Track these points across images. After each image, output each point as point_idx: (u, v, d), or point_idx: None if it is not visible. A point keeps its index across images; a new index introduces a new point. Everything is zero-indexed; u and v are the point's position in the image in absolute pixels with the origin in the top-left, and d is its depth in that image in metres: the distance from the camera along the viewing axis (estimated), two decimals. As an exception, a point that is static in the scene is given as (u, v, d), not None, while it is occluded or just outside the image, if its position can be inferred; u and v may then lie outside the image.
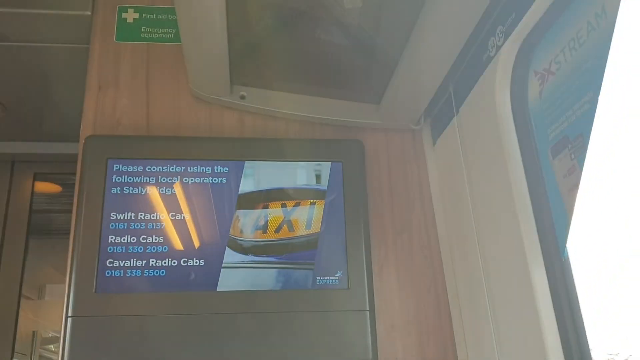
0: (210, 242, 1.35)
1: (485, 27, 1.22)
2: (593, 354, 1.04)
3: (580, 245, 1.04)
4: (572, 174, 1.02)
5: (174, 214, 1.35)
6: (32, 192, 2.38)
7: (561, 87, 1.06)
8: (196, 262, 1.33)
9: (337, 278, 1.36)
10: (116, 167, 1.37)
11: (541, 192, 1.13)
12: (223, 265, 1.34)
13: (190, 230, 1.35)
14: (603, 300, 1.08)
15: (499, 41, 1.17)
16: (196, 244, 1.34)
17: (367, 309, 1.34)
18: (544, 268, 1.10)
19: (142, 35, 1.60)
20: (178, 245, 1.33)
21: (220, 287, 1.32)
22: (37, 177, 2.41)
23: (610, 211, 1.07)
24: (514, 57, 1.16)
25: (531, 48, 1.14)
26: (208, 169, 1.40)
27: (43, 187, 2.58)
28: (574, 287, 1.08)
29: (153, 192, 1.37)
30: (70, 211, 1.39)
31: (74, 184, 1.42)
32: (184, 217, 1.36)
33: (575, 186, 1.01)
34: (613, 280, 1.07)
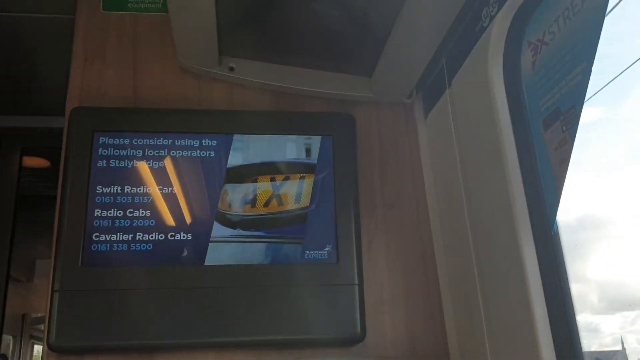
0: (198, 216, 1.34)
1: (479, -3, 1.19)
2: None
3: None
4: (563, 146, 1.01)
5: (161, 187, 1.34)
6: (20, 167, 2.35)
7: (554, 58, 1.04)
8: (183, 236, 1.31)
9: (326, 252, 1.35)
10: (102, 139, 1.35)
11: (532, 165, 1.11)
12: (211, 239, 1.32)
13: (177, 204, 1.33)
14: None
15: (492, 11, 1.15)
16: (184, 218, 1.33)
17: (356, 282, 1.34)
18: (533, 241, 1.09)
19: (129, 5, 1.57)
20: (165, 219, 1.32)
21: (208, 262, 1.31)
22: (25, 152, 2.38)
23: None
24: (507, 27, 1.14)
25: (525, 18, 1.12)
26: (196, 142, 1.38)
27: (31, 161, 2.55)
28: (563, 260, 1.07)
29: (140, 166, 1.35)
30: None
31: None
32: (171, 190, 1.34)
33: (566, 159, 1.00)
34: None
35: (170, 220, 1.32)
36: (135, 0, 1.57)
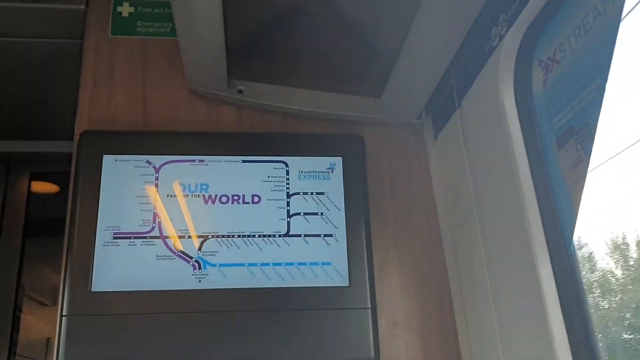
0: (207, 239, 1.32)
1: (488, 17, 1.19)
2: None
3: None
4: (578, 165, 0.99)
5: (169, 210, 1.33)
6: (29, 192, 2.35)
7: (566, 76, 1.03)
8: (196, 260, 1.30)
9: (338, 275, 1.33)
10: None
11: (546, 184, 1.10)
12: (223, 262, 1.31)
13: (186, 227, 1.32)
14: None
15: (501, 30, 1.15)
16: (195, 240, 1.31)
17: (369, 306, 1.31)
18: (549, 263, 1.06)
19: (138, 29, 1.57)
20: (174, 242, 1.31)
21: (218, 285, 1.29)
22: (33, 177, 2.38)
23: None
24: (517, 46, 1.13)
25: (535, 37, 1.12)
26: (205, 165, 1.37)
27: (40, 186, 2.55)
28: (581, 281, 1.05)
29: (150, 188, 1.34)
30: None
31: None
32: (179, 213, 1.33)
33: (581, 178, 0.98)
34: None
35: (179, 244, 1.31)
36: (143, 24, 1.58)
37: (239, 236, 1.34)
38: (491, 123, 1.20)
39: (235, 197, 1.36)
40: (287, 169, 1.41)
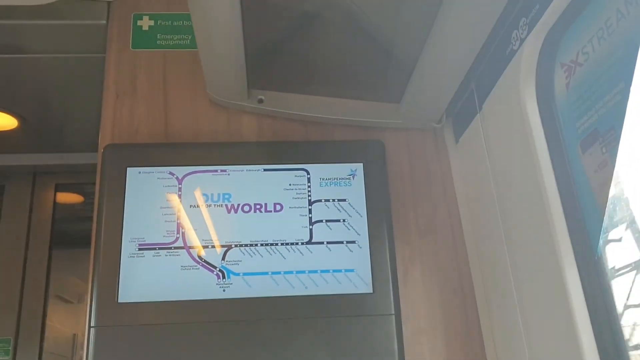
0: (231, 248, 1.33)
1: (508, 20, 1.18)
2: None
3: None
4: (604, 168, 0.98)
5: (192, 220, 1.34)
6: (54, 203, 2.39)
7: (590, 79, 1.02)
8: (220, 269, 1.31)
9: (361, 282, 1.33)
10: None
11: (571, 187, 1.08)
12: (247, 271, 1.31)
13: (212, 236, 1.33)
14: None
15: (522, 34, 1.14)
16: (218, 250, 1.32)
17: (393, 312, 1.31)
18: (576, 267, 1.05)
19: (158, 42, 1.59)
20: (200, 252, 1.32)
21: (245, 294, 1.30)
22: (58, 188, 2.43)
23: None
24: (539, 49, 1.12)
25: (557, 40, 1.10)
26: (227, 174, 1.38)
27: (65, 197, 2.60)
28: (609, 286, 1.04)
29: (173, 199, 1.35)
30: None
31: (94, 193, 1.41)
32: (203, 223, 1.34)
33: (607, 181, 0.97)
34: None
35: (203, 254, 1.32)
36: (163, 37, 1.60)
37: (262, 245, 1.34)
38: (513, 126, 1.19)
39: (258, 206, 1.37)
40: (309, 176, 1.41)
